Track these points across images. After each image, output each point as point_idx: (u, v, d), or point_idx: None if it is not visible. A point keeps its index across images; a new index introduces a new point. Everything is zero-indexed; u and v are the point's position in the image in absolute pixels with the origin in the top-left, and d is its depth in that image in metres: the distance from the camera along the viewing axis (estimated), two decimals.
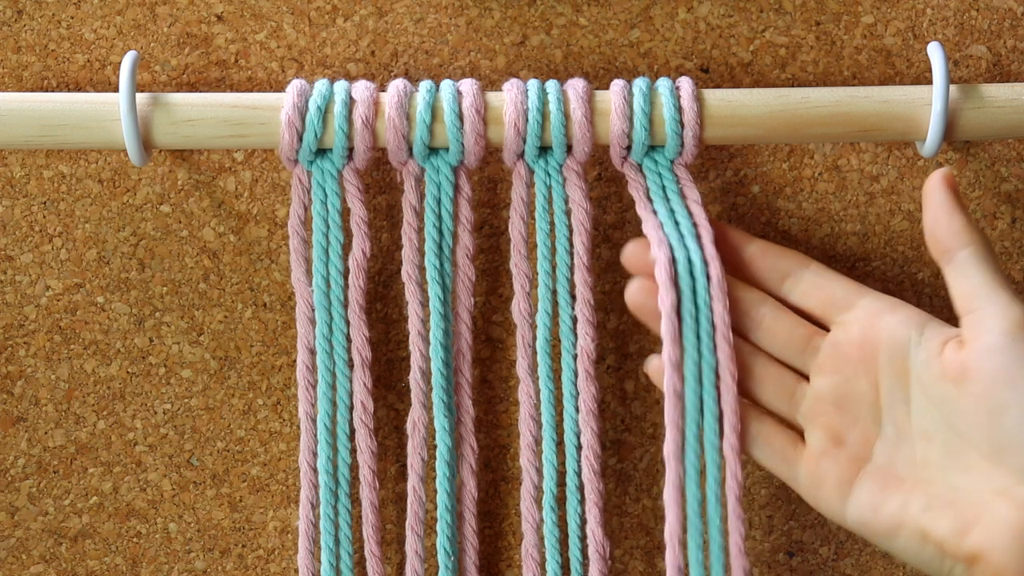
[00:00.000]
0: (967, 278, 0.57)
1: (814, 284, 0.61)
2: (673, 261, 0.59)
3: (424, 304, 0.62)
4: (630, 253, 0.61)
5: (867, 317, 0.59)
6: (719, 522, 0.60)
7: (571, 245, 0.62)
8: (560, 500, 0.64)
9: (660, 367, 0.60)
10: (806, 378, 0.61)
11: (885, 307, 0.59)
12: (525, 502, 0.63)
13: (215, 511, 0.68)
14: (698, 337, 0.60)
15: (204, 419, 0.67)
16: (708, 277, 0.60)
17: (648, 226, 0.60)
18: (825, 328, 0.61)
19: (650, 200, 0.61)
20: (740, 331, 0.61)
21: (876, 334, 0.59)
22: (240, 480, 0.67)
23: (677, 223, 0.61)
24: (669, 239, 0.60)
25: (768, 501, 0.68)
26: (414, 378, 0.62)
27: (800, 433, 0.61)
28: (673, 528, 0.60)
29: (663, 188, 0.62)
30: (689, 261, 0.60)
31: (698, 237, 0.60)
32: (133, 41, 0.64)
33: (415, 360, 0.62)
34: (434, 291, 0.62)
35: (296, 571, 0.67)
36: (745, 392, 0.61)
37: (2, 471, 0.67)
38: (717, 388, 0.60)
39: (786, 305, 0.62)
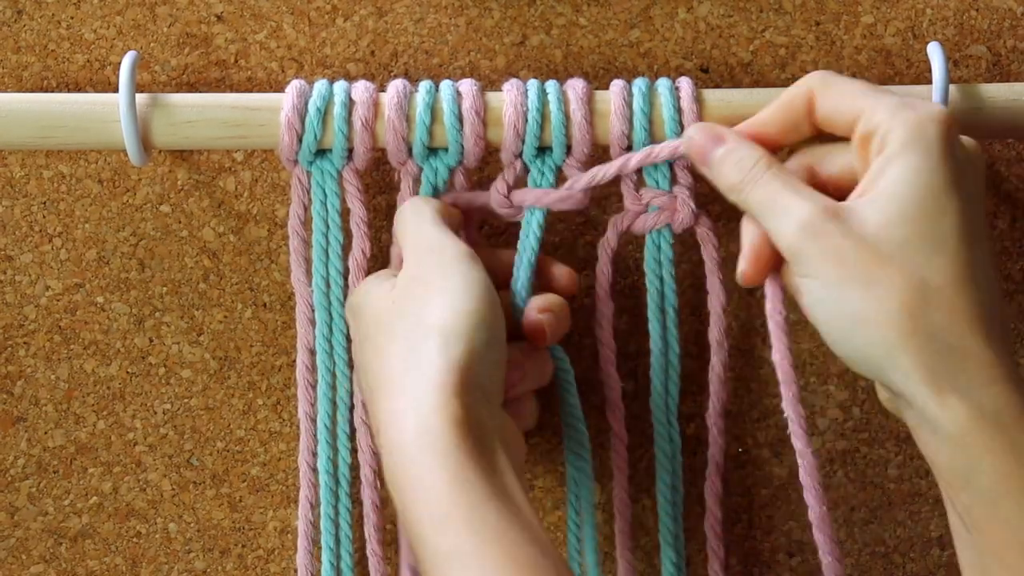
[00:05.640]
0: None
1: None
2: None
3: None
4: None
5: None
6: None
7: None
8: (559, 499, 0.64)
9: None
10: None
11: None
12: None
13: (215, 511, 0.68)
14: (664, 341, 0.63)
15: (204, 419, 0.67)
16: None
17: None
18: None
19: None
20: None
21: None
22: (240, 480, 0.67)
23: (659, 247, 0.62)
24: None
25: (768, 501, 0.68)
26: None
27: None
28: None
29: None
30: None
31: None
32: (133, 41, 0.64)
33: None
34: None
35: (296, 571, 0.67)
36: None
37: (2, 471, 0.67)
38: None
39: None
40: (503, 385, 0.56)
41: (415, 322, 0.55)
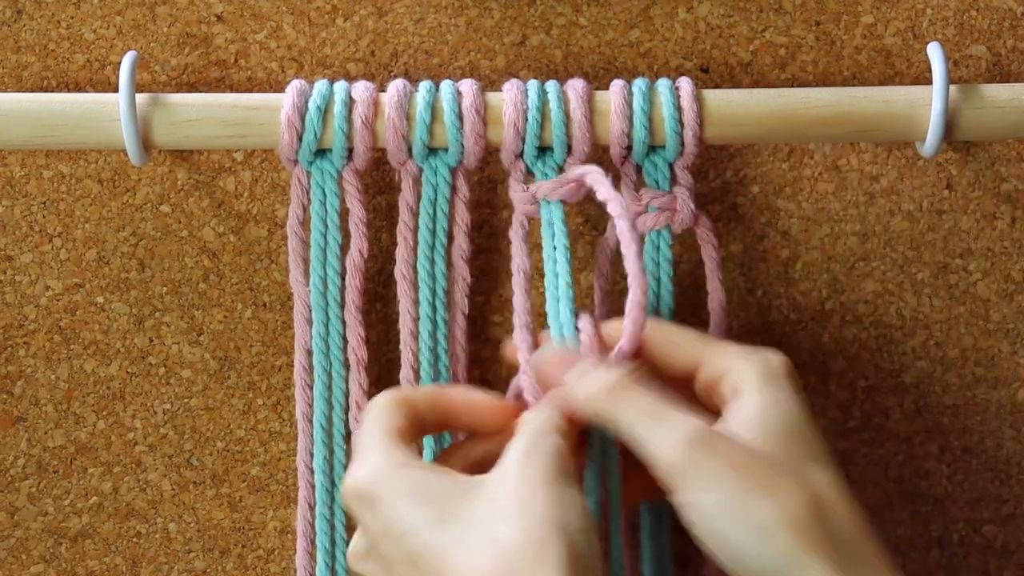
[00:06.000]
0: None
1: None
2: None
3: (417, 303, 0.62)
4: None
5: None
6: None
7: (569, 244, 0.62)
8: None
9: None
10: None
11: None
12: None
13: (215, 511, 0.68)
14: None
15: (204, 419, 0.67)
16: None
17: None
18: None
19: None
20: None
21: None
22: (240, 480, 0.67)
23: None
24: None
25: None
26: (406, 378, 0.62)
27: None
28: None
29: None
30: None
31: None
32: (133, 41, 0.64)
33: (406, 360, 0.62)
34: (424, 291, 0.62)
35: (296, 571, 0.67)
36: None
37: (2, 471, 0.67)
38: None
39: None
40: None
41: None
